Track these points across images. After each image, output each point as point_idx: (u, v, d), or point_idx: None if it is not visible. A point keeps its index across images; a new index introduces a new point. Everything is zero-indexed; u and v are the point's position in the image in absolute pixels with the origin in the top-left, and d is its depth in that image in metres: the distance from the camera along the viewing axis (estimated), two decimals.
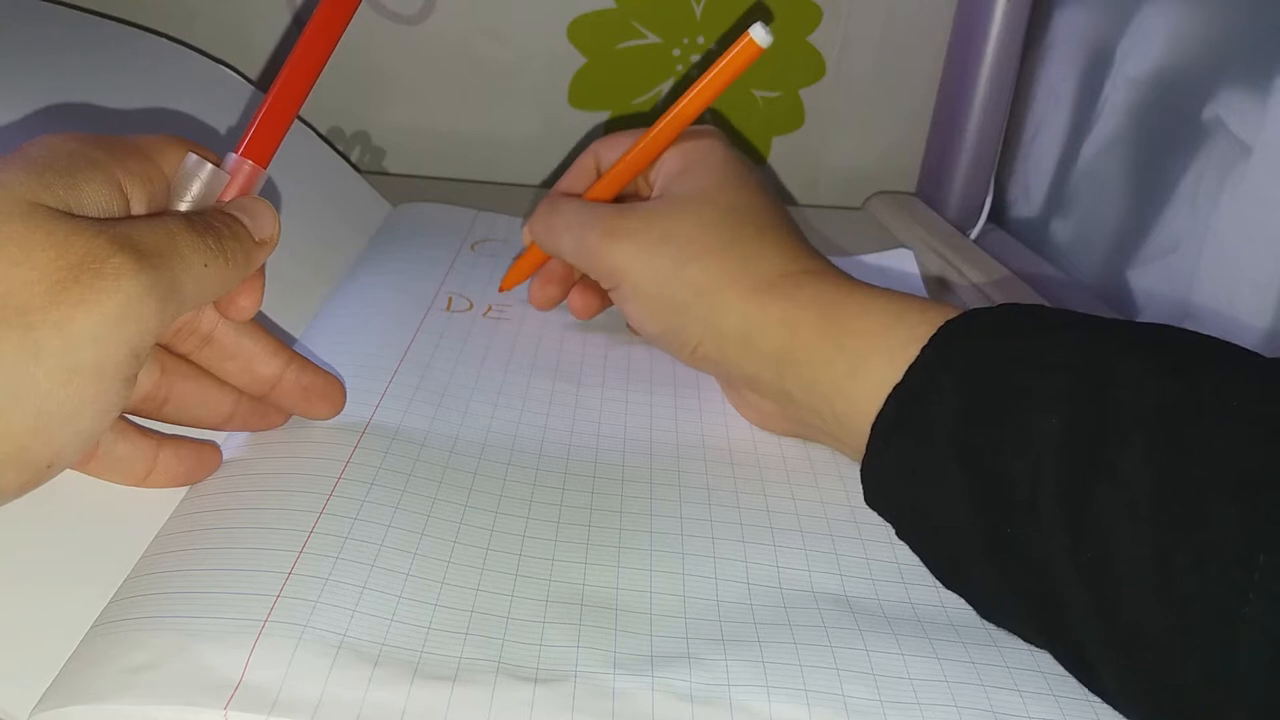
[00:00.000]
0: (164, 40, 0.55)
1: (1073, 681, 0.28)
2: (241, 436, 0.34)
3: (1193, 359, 0.28)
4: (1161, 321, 0.32)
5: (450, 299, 0.46)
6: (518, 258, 0.46)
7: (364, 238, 0.51)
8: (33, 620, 0.26)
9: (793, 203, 0.68)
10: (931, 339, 0.31)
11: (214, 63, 0.56)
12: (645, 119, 0.65)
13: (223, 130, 0.48)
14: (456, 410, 0.37)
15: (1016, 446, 0.28)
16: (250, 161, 0.31)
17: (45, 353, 0.23)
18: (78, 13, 0.54)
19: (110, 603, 0.27)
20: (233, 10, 0.60)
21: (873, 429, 0.32)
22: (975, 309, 0.32)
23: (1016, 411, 0.28)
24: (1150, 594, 0.25)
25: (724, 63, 0.37)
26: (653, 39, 0.63)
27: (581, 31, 0.63)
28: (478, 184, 0.63)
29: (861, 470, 0.33)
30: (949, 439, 0.30)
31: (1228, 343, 0.29)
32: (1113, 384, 0.27)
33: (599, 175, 0.43)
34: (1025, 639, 0.30)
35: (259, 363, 0.32)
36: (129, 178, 0.27)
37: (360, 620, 0.27)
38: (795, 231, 0.38)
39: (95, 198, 0.26)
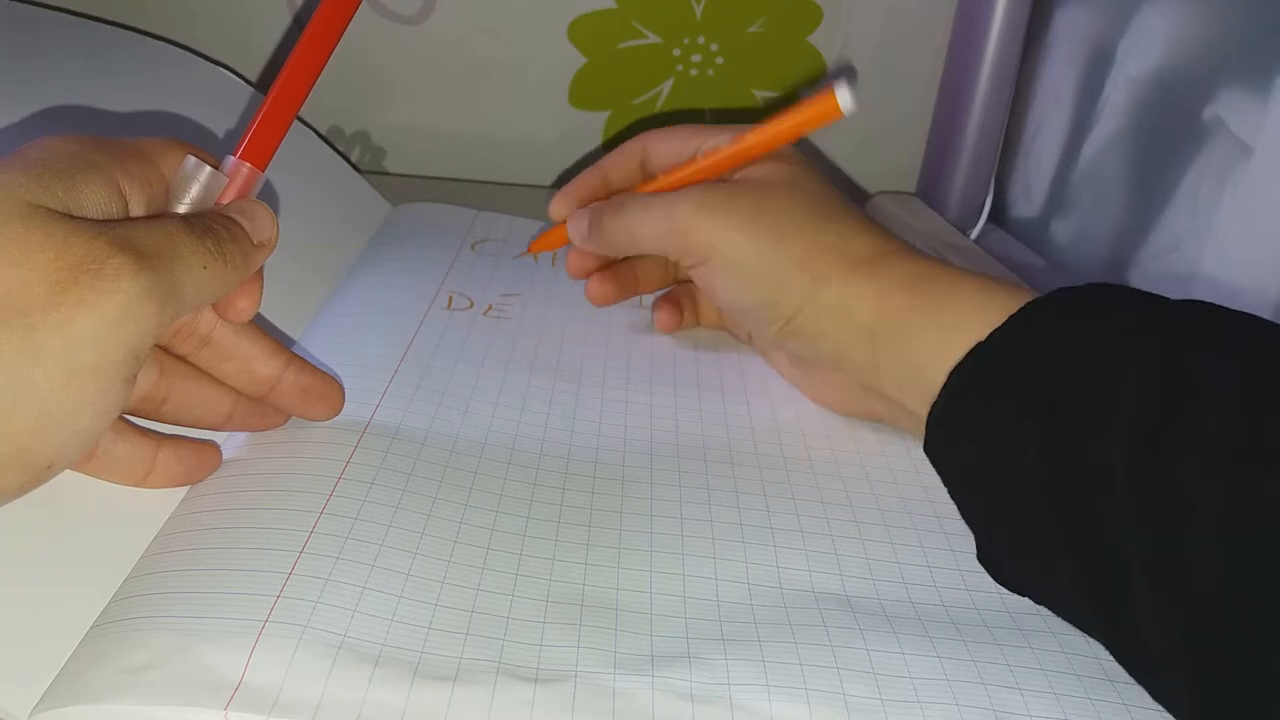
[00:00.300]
0: (163, 43, 0.55)
1: (1074, 680, 0.28)
2: (241, 436, 0.34)
3: (1273, 338, 0.29)
4: None
5: (450, 298, 0.46)
6: (552, 227, 0.45)
7: (364, 238, 0.51)
8: (33, 620, 0.26)
9: None
10: (1021, 309, 0.32)
11: (213, 65, 0.56)
12: (646, 119, 0.65)
13: (221, 133, 0.48)
14: (457, 410, 0.37)
15: (1095, 402, 0.29)
16: (248, 164, 0.31)
17: (45, 354, 0.23)
18: (77, 17, 0.54)
19: (110, 603, 0.27)
20: (233, 11, 0.60)
21: (951, 375, 0.32)
22: (1063, 288, 0.33)
23: (1098, 370, 0.29)
24: (1213, 537, 0.25)
25: (801, 115, 0.39)
26: (653, 39, 0.63)
27: (581, 31, 0.63)
28: (478, 184, 0.63)
29: (931, 411, 0.33)
30: (1026, 387, 0.30)
31: None
32: (1198, 353, 0.28)
33: (643, 166, 0.43)
34: (1057, 601, 0.30)
35: (257, 364, 0.32)
36: (128, 180, 0.27)
37: (360, 620, 0.27)
38: (873, 220, 0.39)
39: (94, 200, 0.26)
